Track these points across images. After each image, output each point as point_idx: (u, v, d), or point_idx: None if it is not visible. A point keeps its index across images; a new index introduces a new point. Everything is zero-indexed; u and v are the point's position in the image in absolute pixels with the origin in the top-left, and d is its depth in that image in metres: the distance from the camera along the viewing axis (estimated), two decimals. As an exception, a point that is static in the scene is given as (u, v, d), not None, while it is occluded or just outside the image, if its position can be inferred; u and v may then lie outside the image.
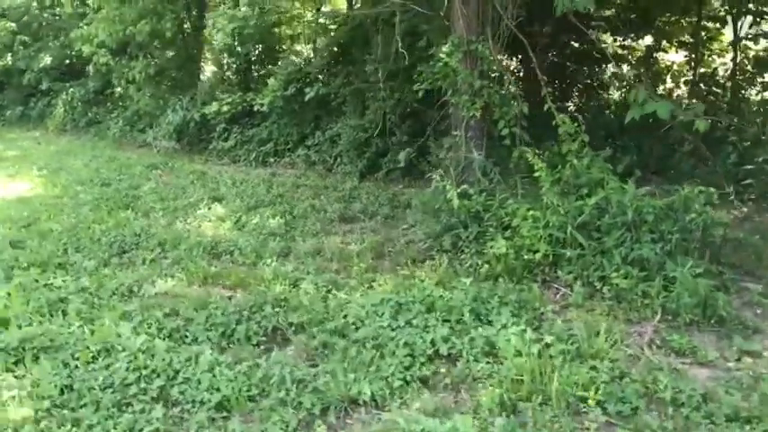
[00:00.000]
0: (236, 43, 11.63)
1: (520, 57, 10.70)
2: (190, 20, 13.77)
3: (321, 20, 12.14)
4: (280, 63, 13.61)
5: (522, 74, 10.63)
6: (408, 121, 9.94)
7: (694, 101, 10.29)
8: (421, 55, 7.95)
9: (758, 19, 10.34)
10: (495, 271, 5.42)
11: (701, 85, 11.07)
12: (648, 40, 12.06)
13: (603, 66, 12.11)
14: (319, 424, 3.59)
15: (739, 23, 10.71)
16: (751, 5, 10.17)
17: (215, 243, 6.77)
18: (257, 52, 13.58)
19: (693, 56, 11.53)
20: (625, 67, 12.10)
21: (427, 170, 9.10)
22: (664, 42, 12.04)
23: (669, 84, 11.62)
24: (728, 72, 11.05)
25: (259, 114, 12.36)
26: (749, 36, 10.66)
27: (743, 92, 10.75)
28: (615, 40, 12.16)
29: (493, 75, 6.22)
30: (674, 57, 12.32)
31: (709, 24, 11.26)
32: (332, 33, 11.31)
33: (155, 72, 13.20)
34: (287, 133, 12.03)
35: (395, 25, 9.21)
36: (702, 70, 11.39)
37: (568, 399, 3.64)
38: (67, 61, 17.61)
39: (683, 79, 11.71)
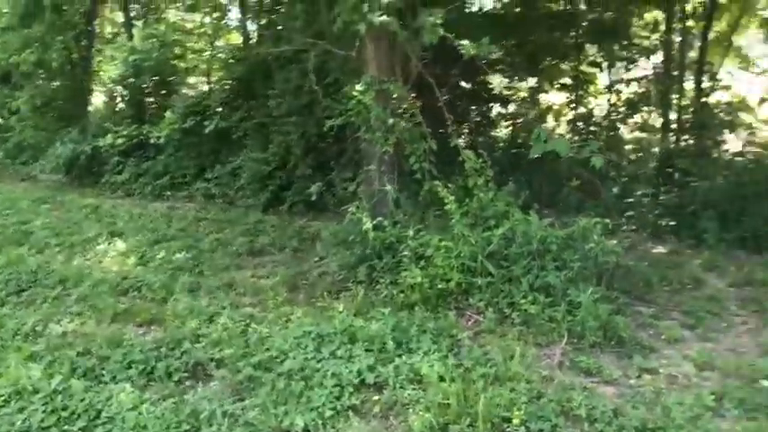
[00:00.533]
0: (131, 75, 11.37)
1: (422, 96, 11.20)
2: (78, 50, 13.34)
3: (221, 54, 12.12)
4: (175, 96, 13.46)
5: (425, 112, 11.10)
6: (312, 155, 10.07)
7: (576, 138, 11.19)
8: (327, 91, 8.14)
9: (629, 65, 11.36)
10: (410, 300, 5.62)
11: (580, 123, 11.95)
12: (532, 81, 12.94)
13: (491, 105, 12.85)
14: (255, 457, 3.62)
15: (613, 69, 11.74)
16: (624, 53, 11.16)
17: (121, 279, 6.59)
18: (152, 84, 13.34)
19: (573, 97, 12.47)
20: (511, 107, 12.89)
21: (332, 203, 9.33)
22: (546, 84, 12.99)
23: (551, 122, 12.44)
24: (604, 112, 12.03)
25: (154, 147, 12.12)
26: (622, 80, 11.70)
27: (617, 130, 11.71)
28: (501, 82, 12.92)
29: (403, 113, 6.49)
30: (555, 97, 13.27)
31: (587, 69, 12.23)
32: (233, 67, 11.29)
33: (41, 103, 12.64)
34: (184, 166, 11.86)
35: (298, 62, 9.47)
36: (581, 110, 12.32)
37: (493, 420, 3.86)
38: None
39: (563, 118, 12.62)
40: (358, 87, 6.24)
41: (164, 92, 13.44)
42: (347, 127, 7.59)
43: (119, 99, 13.45)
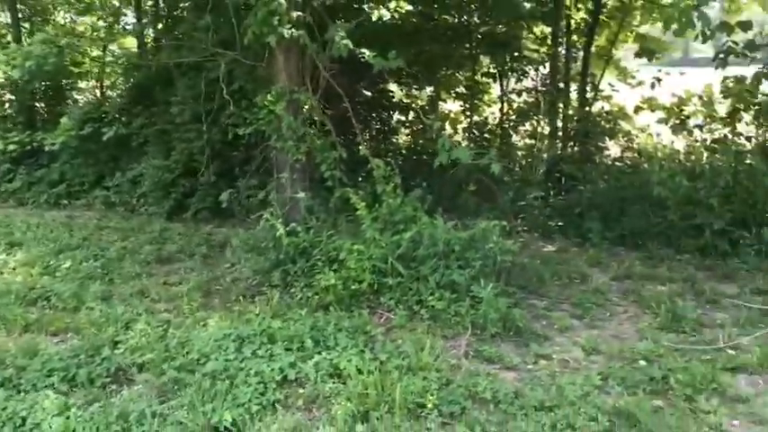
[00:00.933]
0: (24, 80, 10.98)
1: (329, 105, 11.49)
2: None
3: (121, 60, 11.92)
4: (71, 102, 13.11)
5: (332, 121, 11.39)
6: (216, 162, 10.12)
7: (472, 145, 11.81)
8: (233, 99, 8.26)
9: (520, 77, 12.12)
10: (325, 301, 5.90)
11: (475, 131, 12.62)
12: (430, 90, 13.53)
13: (391, 113, 13.32)
14: (187, 453, 3.79)
15: (505, 80, 12.49)
16: (515, 65, 11.91)
17: (27, 290, 6.48)
18: (42, 89, 12.91)
19: (468, 105, 13.15)
20: (411, 115, 13.41)
21: (238, 211, 9.43)
22: (443, 93, 13.61)
23: (449, 130, 13.04)
24: (497, 120, 12.77)
25: (47, 154, 11.76)
26: (513, 90, 12.46)
27: (509, 138, 12.45)
28: (402, 90, 13.42)
29: (313, 122, 6.77)
30: (451, 106, 13.93)
31: (482, 79, 12.94)
32: (132, 73, 11.14)
33: None
34: (82, 174, 11.61)
35: (201, 69, 9.52)
36: (476, 118, 13.00)
37: (409, 405, 4.20)
38: None
39: (459, 126, 13.27)
40: (269, 97, 6.45)
41: (54, 96, 13.07)
42: (252, 135, 7.75)
43: (7, 105, 12.91)
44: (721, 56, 8.30)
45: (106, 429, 3.94)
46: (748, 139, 9.75)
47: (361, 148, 6.75)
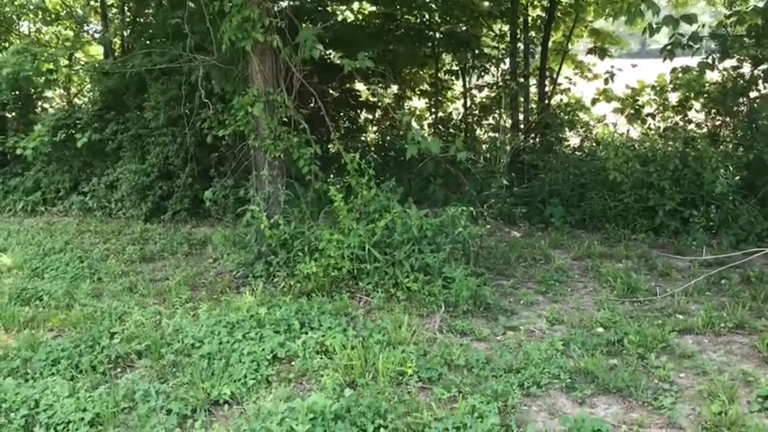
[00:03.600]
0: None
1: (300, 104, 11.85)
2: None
3: (90, 68, 12.12)
4: (39, 111, 13.26)
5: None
6: (191, 165, 10.40)
7: (438, 139, 12.27)
8: (210, 102, 8.56)
9: (482, 73, 12.63)
10: (307, 288, 6.30)
11: (441, 126, 13.11)
12: (395, 88, 13.99)
13: (359, 111, 13.75)
14: (192, 423, 4.17)
15: (467, 76, 13.00)
16: (476, 62, 12.41)
17: (19, 291, 6.74)
18: (12, 99, 13.03)
19: (433, 102, 13.65)
20: (378, 112, 13.85)
21: (215, 210, 9.76)
22: (408, 91, 14.09)
23: (415, 126, 13.49)
24: (461, 115, 13.27)
25: (21, 163, 11.93)
26: (475, 86, 12.98)
27: (473, 132, 12.96)
28: (368, 89, 13.85)
29: (288, 121, 7.15)
30: (417, 103, 14.42)
31: (444, 76, 13.43)
32: (104, 80, 11.33)
33: None
34: (57, 181, 11.75)
35: (173, 74, 9.82)
36: (440, 114, 13.50)
37: (390, 374, 4.63)
38: None
39: (425, 122, 13.77)
40: (246, 99, 6.81)
41: (24, 106, 13.20)
42: (227, 136, 8.07)
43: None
44: (669, 47, 8.87)
45: (115, 407, 4.29)
46: (698, 125, 10.39)
47: (333, 143, 7.12)
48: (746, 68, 9.46)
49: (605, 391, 4.46)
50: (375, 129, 13.88)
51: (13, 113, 13.32)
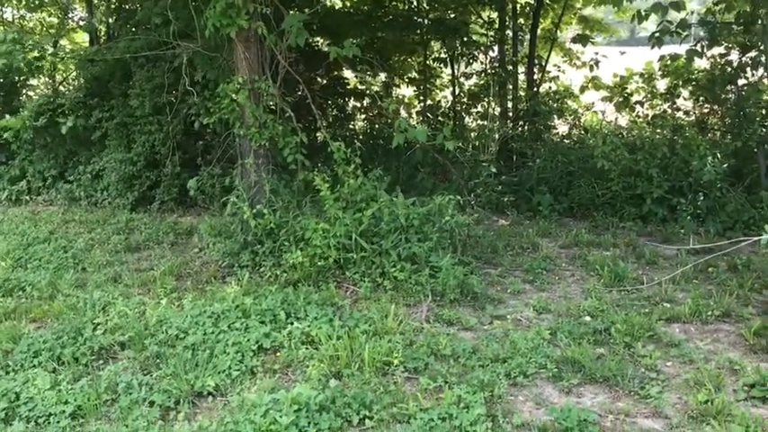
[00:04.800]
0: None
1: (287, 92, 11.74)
2: None
3: (80, 53, 11.97)
4: (24, 97, 13.11)
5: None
6: (178, 153, 10.29)
7: (426, 127, 12.21)
8: (194, 89, 8.45)
9: (470, 60, 12.55)
10: (293, 278, 6.25)
11: (429, 114, 13.03)
12: (383, 76, 13.89)
13: (347, 99, 13.65)
14: (175, 415, 4.12)
15: (456, 64, 12.91)
16: (465, 49, 12.33)
17: (1, 281, 6.66)
18: (-5, 86, 12.88)
19: (421, 90, 13.56)
20: (366, 100, 13.76)
21: (201, 199, 9.67)
22: (397, 78, 14.00)
23: (404, 114, 13.42)
24: (450, 103, 13.20)
25: (5, 152, 11.80)
26: (464, 74, 12.90)
27: (462, 120, 12.90)
28: (356, 77, 13.75)
29: (275, 109, 7.07)
30: (405, 91, 14.33)
31: (433, 64, 13.34)
32: (88, 66, 11.17)
33: None
34: (42, 169, 11.63)
35: (158, 61, 9.68)
36: (429, 102, 13.42)
37: (377, 364, 4.60)
38: None
39: (413, 110, 13.69)
40: (231, 87, 6.72)
41: (8, 94, 13.04)
42: (213, 124, 7.97)
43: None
44: (657, 35, 8.83)
45: (97, 399, 4.23)
46: (687, 113, 10.38)
47: (320, 132, 7.04)
48: (735, 56, 9.42)
49: (592, 380, 4.44)
50: (363, 117, 13.80)
51: (-2, 102, 13.17)
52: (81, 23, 13.95)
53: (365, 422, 3.92)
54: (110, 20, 12.72)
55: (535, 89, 12.00)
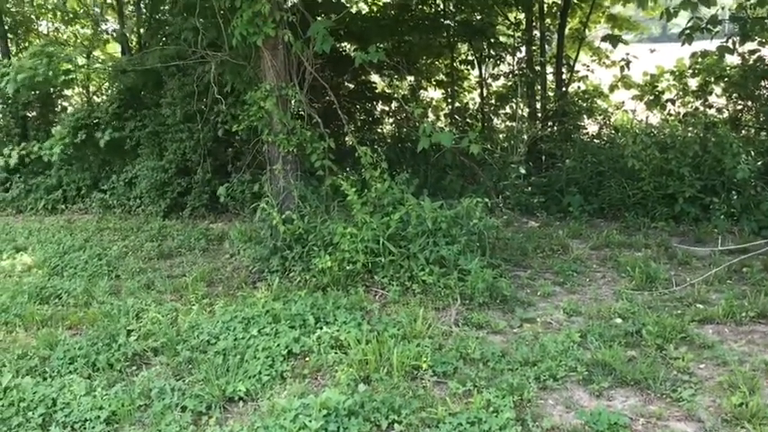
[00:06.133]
0: (17, 93, 11.26)
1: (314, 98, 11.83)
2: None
3: (110, 64, 12.20)
4: (58, 109, 13.40)
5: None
6: (209, 160, 10.43)
7: (454, 130, 12.20)
8: (224, 98, 8.56)
9: (497, 62, 12.51)
10: (322, 282, 6.29)
11: (457, 117, 13.00)
12: (411, 79, 13.90)
13: (375, 103, 13.68)
14: (207, 419, 4.18)
15: (483, 66, 12.88)
16: (492, 51, 12.29)
17: (38, 289, 6.81)
18: (32, 100, 13.17)
19: (449, 92, 13.54)
20: (393, 104, 13.78)
21: (232, 206, 9.79)
22: (424, 81, 13.99)
23: (431, 117, 13.41)
24: (478, 105, 13.16)
25: (43, 162, 12.05)
26: (491, 75, 12.86)
27: (490, 121, 12.85)
28: (384, 81, 13.77)
29: (302, 116, 7.14)
30: (433, 94, 14.32)
31: (460, 66, 13.32)
32: (122, 77, 11.39)
33: None
34: (77, 179, 11.88)
35: (188, 70, 9.83)
36: (457, 104, 13.40)
37: (406, 368, 4.61)
38: None
39: (441, 113, 13.67)
40: (258, 94, 6.80)
41: (44, 105, 13.35)
42: (243, 131, 8.08)
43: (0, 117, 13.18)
44: (687, 32, 8.70)
45: (131, 404, 4.32)
46: (719, 110, 10.20)
47: (348, 138, 7.08)
48: (767, 51, 9.24)
49: (623, 383, 4.39)
50: (391, 120, 13.82)
51: (34, 113, 13.48)
52: (113, 35, 14.19)
53: (394, 426, 3.94)
54: (141, 30, 12.96)
55: (564, 89, 11.90)
